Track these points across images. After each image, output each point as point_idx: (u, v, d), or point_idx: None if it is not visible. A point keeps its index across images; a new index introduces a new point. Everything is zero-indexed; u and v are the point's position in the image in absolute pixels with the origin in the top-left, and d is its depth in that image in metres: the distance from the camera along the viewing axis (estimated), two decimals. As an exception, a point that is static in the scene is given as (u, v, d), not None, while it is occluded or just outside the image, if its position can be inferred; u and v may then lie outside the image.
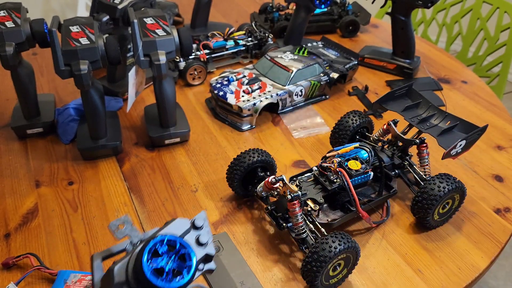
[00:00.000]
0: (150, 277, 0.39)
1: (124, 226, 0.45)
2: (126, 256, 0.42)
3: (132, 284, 0.40)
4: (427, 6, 1.12)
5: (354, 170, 0.74)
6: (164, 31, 0.85)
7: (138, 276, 0.39)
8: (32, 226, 0.79)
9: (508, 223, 0.81)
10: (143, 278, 0.39)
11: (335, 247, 0.63)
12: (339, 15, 1.44)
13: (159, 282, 0.39)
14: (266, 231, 0.78)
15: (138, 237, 0.45)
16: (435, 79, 1.23)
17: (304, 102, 1.11)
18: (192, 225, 0.45)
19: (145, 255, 0.39)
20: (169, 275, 0.40)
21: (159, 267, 0.40)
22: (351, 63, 1.16)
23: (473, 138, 0.79)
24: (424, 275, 0.71)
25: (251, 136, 1.02)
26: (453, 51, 1.81)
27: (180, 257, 0.41)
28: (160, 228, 0.44)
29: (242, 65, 1.27)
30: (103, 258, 0.46)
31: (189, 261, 0.41)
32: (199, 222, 0.45)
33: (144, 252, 0.39)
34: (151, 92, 1.09)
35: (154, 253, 0.40)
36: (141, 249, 0.40)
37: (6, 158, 0.94)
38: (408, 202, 0.84)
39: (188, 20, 1.41)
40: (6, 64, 0.85)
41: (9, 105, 1.10)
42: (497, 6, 1.60)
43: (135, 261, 0.40)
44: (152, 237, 0.41)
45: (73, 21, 0.85)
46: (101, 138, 0.93)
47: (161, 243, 0.41)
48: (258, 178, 0.80)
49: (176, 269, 0.40)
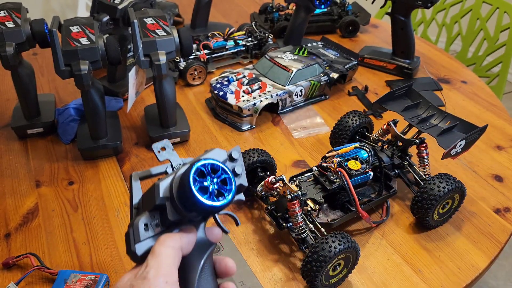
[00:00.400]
0: (196, 194, 0.41)
1: (166, 149, 0.48)
2: (169, 175, 0.44)
3: (175, 201, 0.42)
4: (427, 6, 1.12)
5: (354, 170, 0.74)
6: (164, 31, 0.85)
7: (184, 192, 0.41)
8: (33, 226, 0.79)
9: (508, 223, 0.81)
10: (189, 194, 0.41)
11: (335, 247, 0.64)
12: (339, 15, 1.44)
13: (204, 199, 0.41)
14: (266, 231, 0.78)
15: (177, 161, 0.48)
16: (434, 79, 1.23)
17: (304, 102, 1.11)
18: (229, 157, 0.48)
19: (191, 173, 0.41)
20: (212, 195, 0.42)
21: (204, 186, 0.42)
22: (351, 63, 1.16)
23: (472, 138, 0.79)
24: (424, 275, 0.72)
25: (251, 136, 1.02)
26: (452, 51, 1.81)
27: (221, 181, 0.43)
28: (200, 156, 0.47)
29: (242, 65, 1.27)
30: (141, 178, 0.48)
31: (229, 185, 0.44)
32: (235, 155, 0.48)
33: (191, 170, 0.41)
34: (151, 92, 1.10)
35: (200, 174, 0.42)
36: (188, 168, 0.42)
37: (7, 158, 0.94)
38: (408, 202, 0.84)
39: (188, 20, 1.41)
40: (6, 64, 0.86)
41: (10, 105, 1.10)
42: (496, 6, 1.60)
43: (182, 178, 0.42)
44: (197, 159, 0.43)
45: (73, 21, 0.85)
46: (101, 138, 0.93)
47: (207, 166, 0.43)
48: (258, 178, 0.80)
49: (217, 190, 0.43)
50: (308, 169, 0.81)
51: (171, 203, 0.43)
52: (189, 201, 0.41)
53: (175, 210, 0.43)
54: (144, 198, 0.46)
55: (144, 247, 0.43)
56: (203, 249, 0.46)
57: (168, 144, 0.48)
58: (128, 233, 0.44)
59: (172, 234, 0.43)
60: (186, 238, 0.44)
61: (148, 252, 0.42)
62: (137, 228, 0.43)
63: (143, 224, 0.43)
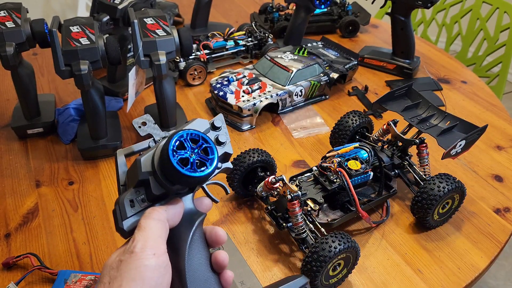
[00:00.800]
0: (176, 166, 0.40)
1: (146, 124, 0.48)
2: (151, 150, 0.44)
3: (158, 174, 0.42)
4: (427, 6, 1.12)
5: (354, 170, 0.74)
6: (164, 31, 0.85)
7: (165, 166, 0.41)
8: (33, 226, 0.79)
9: (508, 223, 0.81)
10: (169, 167, 0.41)
11: (335, 247, 0.64)
12: (339, 15, 1.44)
13: (185, 170, 0.41)
14: (266, 231, 0.79)
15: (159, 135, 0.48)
16: (434, 79, 1.23)
17: (304, 102, 1.11)
18: (211, 126, 0.48)
19: (171, 145, 0.41)
20: (193, 166, 0.42)
21: (184, 157, 0.42)
22: (351, 63, 1.16)
23: (472, 138, 0.79)
24: (424, 275, 0.72)
25: (251, 136, 1.02)
26: (452, 51, 1.81)
27: (203, 151, 0.43)
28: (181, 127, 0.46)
29: (242, 65, 1.27)
30: (126, 155, 0.49)
31: (211, 154, 0.43)
32: (218, 123, 0.48)
33: (170, 143, 0.41)
34: (151, 92, 1.10)
35: (179, 145, 0.42)
36: (167, 140, 0.42)
37: (7, 158, 0.94)
38: (408, 202, 0.84)
39: (188, 20, 1.41)
40: (6, 64, 0.86)
41: (10, 105, 1.10)
42: (496, 6, 1.60)
43: (161, 151, 0.42)
44: (176, 131, 0.43)
45: (73, 21, 0.85)
46: (101, 138, 0.93)
47: (186, 136, 0.43)
48: (258, 178, 0.80)
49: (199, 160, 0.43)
50: (308, 169, 0.81)
51: (154, 177, 0.43)
52: (170, 173, 0.41)
53: (159, 184, 0.43)
54: (129, 174, 0.47)
55: (130, 222, 0.43)
56: (193, 220, 0.46)
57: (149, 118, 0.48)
58: (115, 210, 0.44)
59: (157, 208, 0.44)
60: (172, 210, 0.44)
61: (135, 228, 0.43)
62: (123, 205, 0.43)
63: (129, 201, 0.44)
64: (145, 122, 0.48)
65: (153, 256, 0.40)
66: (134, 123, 0.48)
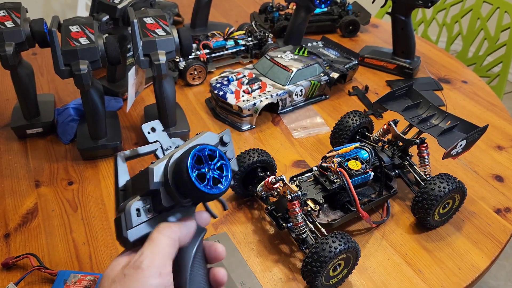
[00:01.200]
0: (194, 181, 0.40)
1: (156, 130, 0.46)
2: (162, 159, 0.43)
3: (170, 186, 0.41)
4: (427, 6, 1.12)
5: (354, 170, 0.74)
6: (164, 31, 0.85)
7: (181, 179, 0.40)
8: (32, 226, 0.79)
9: (508, 223, 0.80)
10: (186, 181, 0.40)
11: (335, 247, 0.63)
12: (339, 15, 1.44)
13: (202, 187, 0.40)
14: (266, 231, 0.78)
15: (167, 143, 0.47)
16: (435, 79, 1.23)
17: (304, 102, 1.11)
18: (220, 141, 0.47)
19: (190, 160, 0.40)
20: (210, 182, 0.41)
21: (201, 173, 0.41)
22: (351, 63, 1.16)
23: (473, 138, 0.79)
24: (424, 275, 0.71)
25: (251, 136, 1.02)
26: (453, 51, 1.81)
27: (218, 168, 0.43)
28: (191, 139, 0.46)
29: (242, 65, 1.27)
30: (128, 158, 0.47)
31: (226, 172, 0.43)
32: (226, 139, 0.47)
33: (189, 156, 0.40)
34: (151, 92, 1.09)
35: (197, 160, 0.41)
36: (186, 154, 0.41)
37: (6, 158, 0.94)
38: (408, 202, 0.84)
39: (188, 20, 1.41)
40: (6, 64, 0.85)
41: (9, 105, 1.10)
42: (497, 6, 1.60)
43: (178, 164, 0.41)
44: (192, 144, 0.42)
45: (73, 21, 0.85)
46: (101, 138, 0.93)
47: (204, 152, 0.42)
48: (258, 178, 0.80)
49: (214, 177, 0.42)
50: (308, 169, 0.81)
51: (165, 188, 0.42)
52: (187, 188, 0.40)
53: (170, 196, 0.42)
54: (135, 181, 0.45)
55: (136, 233, 0.42)
56: (195, 235, 0.45)
57: (159, 125, 0.47)
58: (119, 218, 0.42)
59: (171, 224, 0.42)
60: (185, 230, 0.43)
61: (139, 239, 0.41)
62: (129, 213, 0.42)
63: (135, 209, 0.42)
64: (154, 128, 0.46)
65: (159, 276, 0.39)
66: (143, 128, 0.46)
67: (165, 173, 0.42)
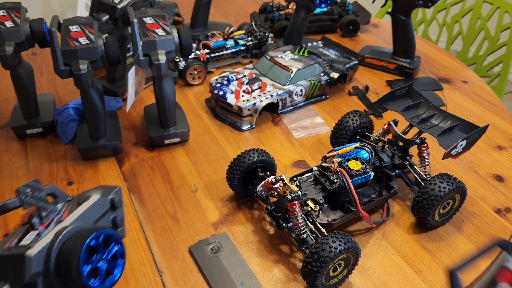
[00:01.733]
0: (84, 281, 0.35)
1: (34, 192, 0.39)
2: (40, 240, 0.36)
3: (52, 276, 0.35)
4: (428, 6, 1.12)
5: (354, 170, 0.74)
6: (164, 31, 0.85)
7: (69, 274, 0.35)
8: (32, 226, 0.79)
9: (509, 223, 0.80)
10: (76, 278, 0.35)
11: (335, 247, 0.63)
12: (339, 15, 1.44)
13: (93, 283, 0.36)
14: (266, 231, 0.78)
15: (47, 209, 0.40)
16: (435, 79, 1.23)
17: (304, 102, 1.11)
18: (111, 206, 0.43)
19: (82, 253, 0.35)
20: (102, 276, 0.37)
21: (94, 267, 0.36)
22: (351, 63, 1.16)
23: (473, 138, 0.78)
24: (424, 275, 0.71)
25: (251, 136, 1.02)
26: (453, 51, 1.81)
27: (112, 256, 0.38)
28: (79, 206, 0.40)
29: (242, 65, 1.27)
30: None
31: (120, 259, 0.39)
32: (118, 203, 0.43)
33: (82, 250, 0.35)
34: (151, 92, 1.09)
35: (90, 250, 0.37)
36: (77, 241, 0.36)
37: (6, 158, 0.94)
38: (408, 202, 0.83)
39: (188, 20, 1.41)
40: (5, 64, 0.85)
41: (9, 105, 1.10)
42: (497, 5, 1.60)
43: (66, 255, 0.35)
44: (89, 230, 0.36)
45: (73, 20, 0.85)
46: (100, 138, 0.92)
47: (98, 239, 0.37)
48: (258, 178, 0.80)
49: (107, 269, 0.38)
50: (308, 169, 0.80)
51: (43, 278, 0.36)
52: (73, 283, 0.35)
53: (47, 286, 0.36)
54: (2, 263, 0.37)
55: None
56: None
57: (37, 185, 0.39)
58: None
59: None
60: None
61: None
62: None
63: None
64: (32, 189, 0.38)
65: None
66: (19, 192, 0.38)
67: (47, 260, 0.36)
